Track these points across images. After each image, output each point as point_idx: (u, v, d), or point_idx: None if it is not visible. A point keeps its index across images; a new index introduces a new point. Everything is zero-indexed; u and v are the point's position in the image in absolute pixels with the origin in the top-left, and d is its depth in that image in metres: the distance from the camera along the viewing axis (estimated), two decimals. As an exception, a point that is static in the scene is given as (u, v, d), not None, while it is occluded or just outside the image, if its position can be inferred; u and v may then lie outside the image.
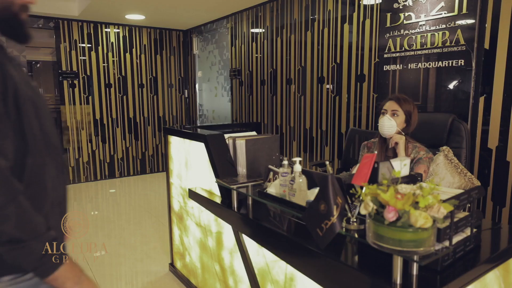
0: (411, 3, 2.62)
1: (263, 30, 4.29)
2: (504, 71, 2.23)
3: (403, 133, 1.88)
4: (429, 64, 2.57)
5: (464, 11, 2.32)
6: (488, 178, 2.35)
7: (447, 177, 1.96)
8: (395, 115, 1.84)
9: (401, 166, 1.20)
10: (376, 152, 2.03)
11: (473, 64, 2.32)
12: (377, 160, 1.79)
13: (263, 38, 4.30)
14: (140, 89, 5.75)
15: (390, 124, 1.83)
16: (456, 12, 2.35)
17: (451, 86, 2.49)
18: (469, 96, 2.36)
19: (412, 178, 1.41)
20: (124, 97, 5.63)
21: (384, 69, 2.89)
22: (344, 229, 1.25)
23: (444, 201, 1.05)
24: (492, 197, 2.34)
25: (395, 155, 1.90)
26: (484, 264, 1.20)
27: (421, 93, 2.68)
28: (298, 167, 1.35)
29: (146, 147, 5.90)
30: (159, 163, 6.02)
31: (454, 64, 2.42)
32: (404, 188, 1.01)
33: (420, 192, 0.99)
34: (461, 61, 2.38)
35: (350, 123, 3.34)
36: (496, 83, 2.27)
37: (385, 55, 2.87)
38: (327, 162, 1.19)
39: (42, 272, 0.81)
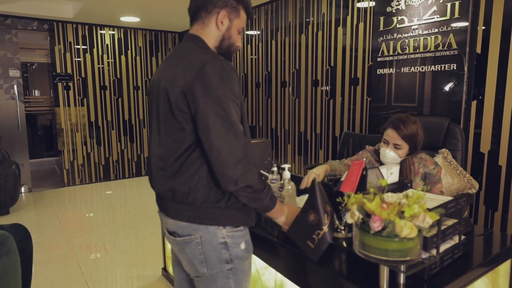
0: (404, 7, 2.62)
1: (258, 33, 4.29)
2: (496, 75, 2.23)
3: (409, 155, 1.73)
4: (422, 68, 2.57)
5: (456, 15, 2.32)
6: (480, 182, 2.35)
7: (446, 178, 1.98)
8: (398, 148, 1.67)
9: (387, 174, 1.20)
10: (365, 159, 2.01)
11: (465, 68, 2.32)
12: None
13: (258, 41, 4.30)
14: (135, 91, 5.74)
15: (392, 158, 1.68)
16: (448, 17, 2.36)
17: (444, 89, 2.49)
18: (461, 100, 2.36)
19: (401, 185, 1.41)
20: (120, 99, 5.61)
21: (378, 72, 2.89)
22: (332, 239, 1.24)
23: (430, 210, 1.05)
24: (484, 201, 2.34)
25: (400, 175, 1.78)
26: (472, 271, 1.20)
27: (416, 96, 2.69)
28: (287, 174, 1.34)
29: (141, 149, 5.89)
30: (154, 165, 6.00)
31: (447, 68, 2.42)
32: (390, 197, 1.01)
33: (406, 201, 0.99)
34: (453, 65, 2.38)
35: (344, 126, 3.34)
36: (488, 87, 2.28)
37: (379, 59, 2.87)
38: (314, 171, 1.18)
39: (267, 208, 1.15)
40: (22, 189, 4.96)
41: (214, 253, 1.15)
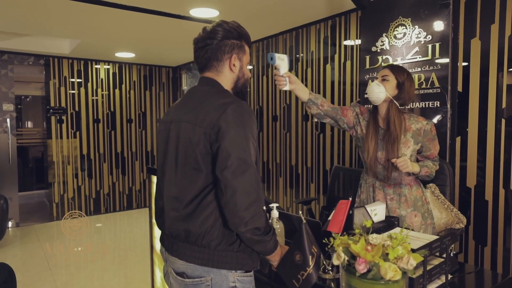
0: (388, 47, 2.74)
1: (250, 68, 4.42)
2: (478, 112, 2.32)
3: (395, 101, 1.68)
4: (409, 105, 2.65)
5: (437, 56, 2.44)
6: (469, 217, 2.37)
7: (434, 213, 2.00)
8: (385, 80, 1.66)
9: (371, 214, 1.22)
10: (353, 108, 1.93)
11: (448, 106, 2.41)
12: (369, 132, 1.76)
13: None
14: (128, 124, 5.78)
15: (378, 90, 1.65)
16: (429, 57, 2.47)
17: (429, 125, 2.56)
18: (446, 137, 2.43)
19: (388, 223, 1.43)
20: (112, 132, 5.64)
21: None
22: (320, 280, 1.24)
23: (414, 250, 1.06)
24: (473, 236, 2.36)
25: (387, 127, 1.74)
26: (461, 312, 1.20)
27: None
28: (275, 213, 1.36)
29: (133, 182, 5.85)
30: (146, 198, 5.94)
31: (431, 105, 2.51)
32: (374, 238, 1.03)
33: (390, 243, 1.00)
34: (437, 102, 2.47)
35: (334, 160, 3.39)
36: (470, 123, 2.36)
37: (365, 95, 2.96)
38: (300, 212, 1.20)
39: (270, 252, 1.16)
40: (9, 224, 4.85)
41: None
